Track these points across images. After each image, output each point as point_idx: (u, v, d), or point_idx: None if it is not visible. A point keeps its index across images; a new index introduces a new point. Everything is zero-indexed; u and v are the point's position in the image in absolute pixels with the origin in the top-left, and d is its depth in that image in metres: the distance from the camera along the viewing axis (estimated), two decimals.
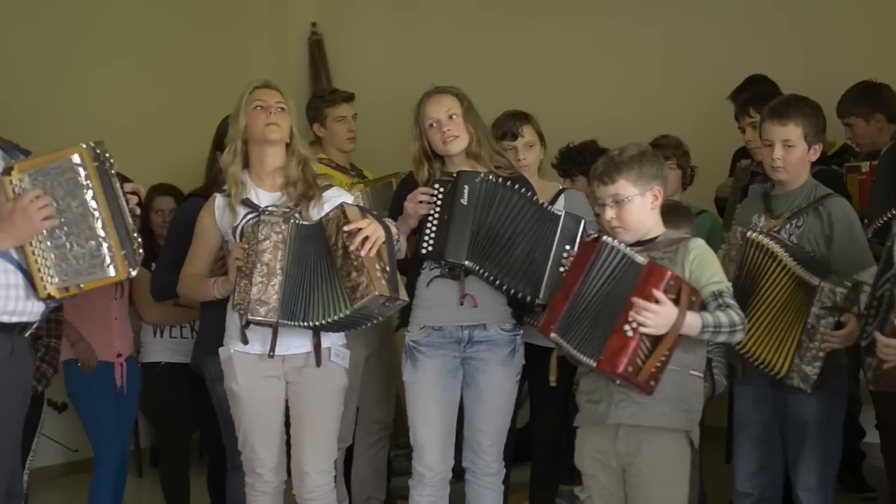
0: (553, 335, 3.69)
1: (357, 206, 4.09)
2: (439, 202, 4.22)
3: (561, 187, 4.86)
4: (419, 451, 4.32)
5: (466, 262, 4.18)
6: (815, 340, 3.95)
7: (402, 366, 4.37)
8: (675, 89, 6.73)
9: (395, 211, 4.37)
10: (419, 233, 4.27)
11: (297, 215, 4.09)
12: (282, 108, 4.18)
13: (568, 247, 4.11)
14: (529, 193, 4.24)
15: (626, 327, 3.52)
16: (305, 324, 3.99)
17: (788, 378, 4.02)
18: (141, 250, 3.57)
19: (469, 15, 7.34)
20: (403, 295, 4.02)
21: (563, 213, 4.20)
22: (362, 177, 5.38)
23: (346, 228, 3.90)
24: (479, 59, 7.18)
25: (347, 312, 3.91)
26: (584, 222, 4.21)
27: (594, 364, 3.59)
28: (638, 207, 3.73)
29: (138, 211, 3.65)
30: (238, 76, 5.28)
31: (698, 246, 3.72)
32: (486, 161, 4.32)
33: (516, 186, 4.22)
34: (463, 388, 4.35)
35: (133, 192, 3.63)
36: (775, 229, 4.16)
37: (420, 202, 4.23)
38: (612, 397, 3.70)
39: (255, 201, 4.18)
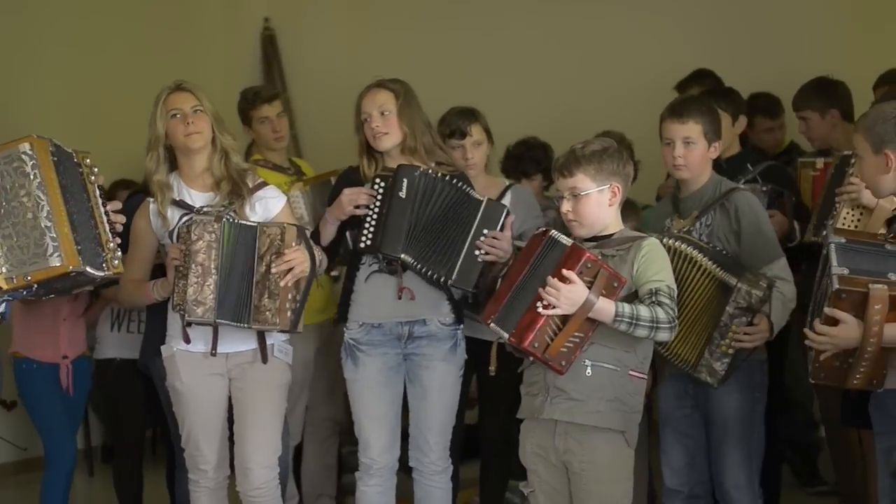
0: (492, 324, 3.68)
1: (296, 227, 4.06)
2: (379, 197, 4.23)
3: (508, 183, 4.87)
4: (364, 445, 4.33)
5: (403, 256, 4.19)
6: (726, 338, 3.99)
7: (342, 363, 4.37)
8: (624, 85, 6.72)
9: (333, 200, 4.36)
10: (358, 227, 4.27)
11: (230, 214, 4.08)
12: (199, 111, 4.15)
13: (486, 231, 4.14)
14: (466, 188, 4.25)
15: (539, 304, 3.53)
16: (238, 325, 4.01)
17: (697, 371, 4.05)
18: (117, 254, 3.56)
19: (422, 9, 7.32)
20: (300, 328, 4.07)
21: (485, 199, 4.21)
22: (301, 174, 5.33)
23: (281, 262, 3.94)
24: (432, 53, 7.15)
25: (248, 327, 4.01)
26: (507, 209, 4.23)
27: (507, 336, 3.61)
28: (595, 202, 3.71)
29: (120, 228, 3.67)
30: (190, 71, 5.22)
31: (651, 245, 3.71)
32: (423, 157, 4.31)
33: (454, 181, 4.23)
34: (406, 386, 4.35)
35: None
36: (685, 230, 4.17)
37: (356, 198, 4.23)
38: (549, 392, 3.70)
39: (189, 202, 4.16)
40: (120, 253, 3.61)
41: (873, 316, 3.32)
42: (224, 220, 4.02)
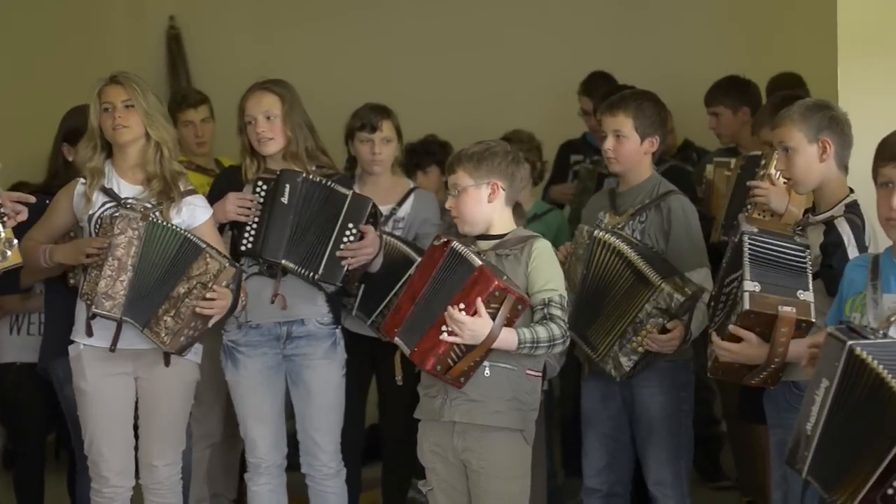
0: (396, 339, 3.71)
1: (237, 269, 4.02)
2: (261, 200, 4.23)
3: (412, 186, 4.87)
4: (251, 445, 4.35)
5: (284, 262, 4.20)
6: (638, 334, 4.01)
7: (222, 365, 4.36)
8: (529, 87, 6.77)
9: (214, 198, 4.33)
10: (240, 229, 4.26)
11: (156, 214, 4.05)
12: (129, 106, 4.09)
13: (351, 225, 4.17)
14: (331, 183, 4.25)
15: (443, 329, 3.56)
16: (139, 326, 3.98)
17: (603, 361, 4.07)
18: (12, 244, 3.52)
19: (330, 10, 7.29)
20: (185, 355, 4.04)
21: (350, 193, 4.23)
22: None
23: (204, 296, 3.91)
24: (338, 53, 7.14)
25: (141, 331, 3.99)
26: (372, 202, 4.26)
27: (408, 353, 3.64)
28: (473, 199, 3.74)
29: (13, 222, 3.59)
30: (94, 68, 5.13)
31: (542, 248, 3.75)
32: (304, 161, 4.31)
33: (329, 183, 4.23)
34: (290, 389, 4.36)
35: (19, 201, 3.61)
36: (619, 226, 4.20)
37: (242, 206, 4.24)
38: (448, 394, 3.71)
39: (116, 191, 4.12)
40: (16, 242, 3.54)
41: (780, 338, 3.37)
42: (151, 219, 3.99)
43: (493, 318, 3.55)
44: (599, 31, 6.83)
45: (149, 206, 4.07)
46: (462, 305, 3.54)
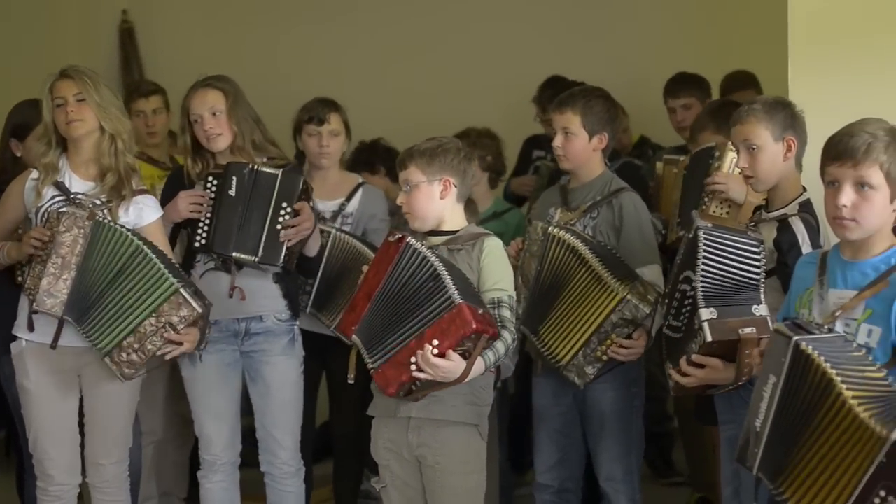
0: (354, 337, 3.69)
1: (206, 309, 3.99)
2: (212, 195, 4.23)
3: (361, 181, 4.87)
4: (206, 442, 4.32)
5: (234, 254, 4.18)
6: (603, 344, 4.01)
7: (179, 362, 4.34)
8: (484, 88, 6.75)
9: (167, 199, 4.32)
10: (193, 226, 4.26)
11: (104, 212, 4.02)
12: (81, 99, 4.05)
13: (285, 203, 4.16)
14: (266, 169, 4.24)
15: (412, 361, 3.52)
16: (81, 328, 3.95)
17: (566, 370, 4.07)
18: None
19: (286, 6, 7.27)
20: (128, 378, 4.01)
21: (279, 172, 4.22)
22: None
23: (169, 338, 3.90)
24: (292, 48, 7.12)
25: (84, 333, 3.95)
26: (303, 178, 4.26)
27: (370, 366, 3.62)
28: (425, 195, 3.73)
29: None
30: (46, 63, 5.08)
31: (493, 247, 3.75)
32: (251, 154, 4.30)
33: (263, 168, 4.23)
34: (248, 386, 4.34)
35: None
36: (571, 222, 4.20)
37: (194, 203, 4.23)
38: None
39: (68, 185, 4.08)
40: None
41: (745, 360, 3.36)
42: (97, 218, 3.96)
43: (465, 355, 3.53)
44: (557, 28, 6.82)
45: (98, 202, 4.04)
46: (436, 343, 3.49)
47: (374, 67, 7.02)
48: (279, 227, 4.18)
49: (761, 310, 3.38)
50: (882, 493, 2.63)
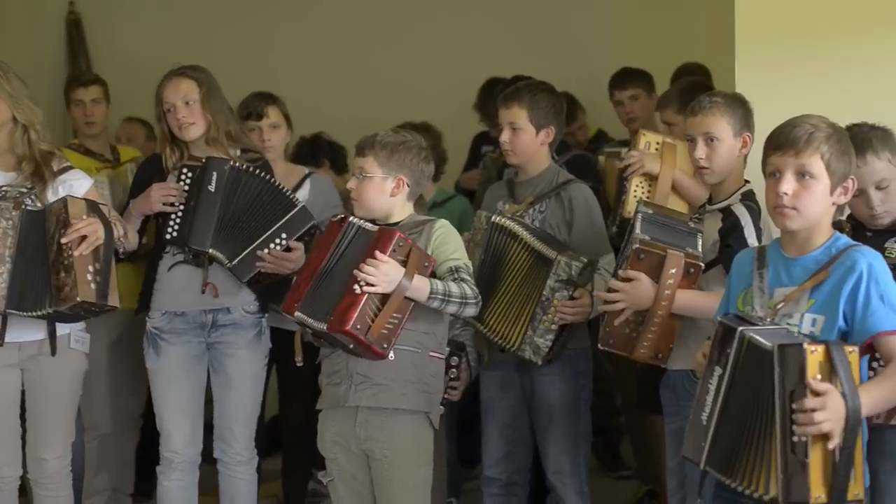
0: (297, 314, 3.65)
1: (85, 199, 3.98)
2: (186, 188, 4.19)
3: (307, 171, 4.84)
4: (166, 436, 4.28)
5: (210, 251, 4.15)
6: (548, 313, 4.02)
7: (144, 352, 4.31)
8: (433, 82, 6.77)
9: (138, 188, 4.31)
10: (164, 217, 4.22)
11: (29, 199, 3.98)
12: None
13: (284, 235, 4.15)
14: (274, 180, 4.24)
15: (355, 286, 3.51)
16: (28, 314, 3.91)
17: (521, 350, 4.07)
18: None
19: None
20: (113, 301, 3.97)
21: (300, 205, 4.22)
22: (118, 161, 5.22)
23: (71, 232, 3.83)
24: (242, 40, 7.08)
25: (50, 311, 3.88)
26: (315, 223, 4.23)
27: (325, 327, 3.57)
28: (377, 188, 3.73)
29: None
30: None
31: (443, 226, 3.76)
32: (225, 146, 4.29)
33: (262, 174, 4.22)
34: (210, 375, 4.31)
35: None
36: (518, 214, 4.22)
37: (166, 196, 4.19)
38: (352, 379, 3.69)
39: None
40: None
41: (667, 280, 3.46)
42: (23, 207, 3.91)
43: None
44: (512, 23, 6.84)
45: (24, 190, 4.01)
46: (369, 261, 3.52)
47: (317, 61, 7.02)
48: (266, 250, 4.14)
49: (695, 251, 3.50)
50: (794, 406, 2.70)
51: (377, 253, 3.51)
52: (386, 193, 3.74)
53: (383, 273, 3.50)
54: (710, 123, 3.68)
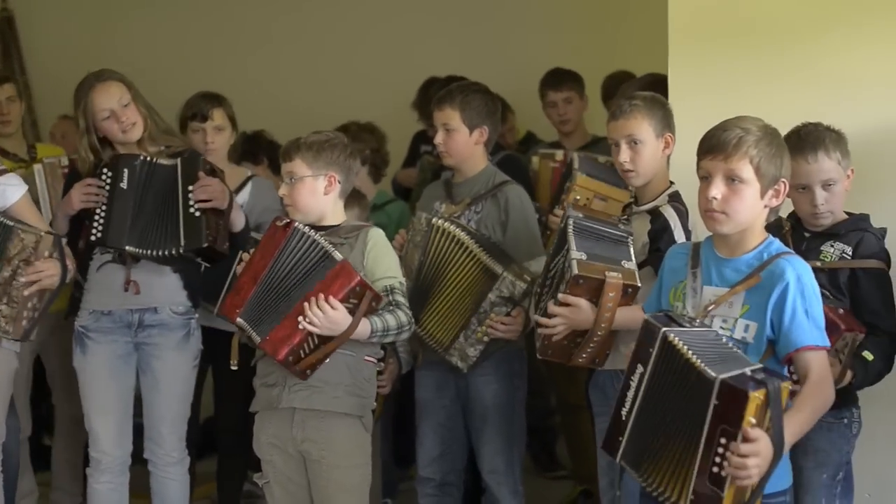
0: (239, 320, 3.65)
1: (54, 236, 3.97)
2: (107, 188, 4.17)
3: (249, 174, 4.84)
4: (94, 438, 4.25)
5: (128, 248, 4.14)
6: (482, 324, 4.06)
7: (73, 352, 4.28)
8: (375, 81, 6.78)
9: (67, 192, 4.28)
10: (90, 218, 4.20)
11: None
12: None
13: (191, 187, 4.13)
14: (164, 161, 4.21)
15: (301, 319, 3.52)
16: None
17: (449, 354, 4.11)
18: None
19: None
20: (32, 337, 3.99)
21: (179, 160, 4.19)
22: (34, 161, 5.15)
23: (30, 272, 3.85)
24: (176, 40, 7.06)
25: None
26: (203, 157, 4.26)
27: (259, 341, 3.60)
28: (308, 189, 3.72)
29: None
30: None
31: (377, 237, 3.76)
32: (147, 142, 4.27)
33: (160, 161, 4.19)
34: (140, 377, 4.28)
35: None
36: (456, 215, 4.23)
37: (87, 194, 4.17)
38: (286, 381, 3.68)
39: None
40: None
41: (607, 303, 3.46)
42: None
43: (352, 313, 3.54)
44: (447, 25, 6.86)
45: None
46: (322, 297, 3.51)
47: (256, 60, 7.01)
48: (192, 209, 4.13)
49: (630, 264, 3.51)
50: (722, 440, 2.71)
51: (331, 299, 3.51)
52: (319, 193, 3.73)
53: (329, 321, 3.52)
54: (632, 126, 3.72)
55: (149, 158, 4.18)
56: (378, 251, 3.72)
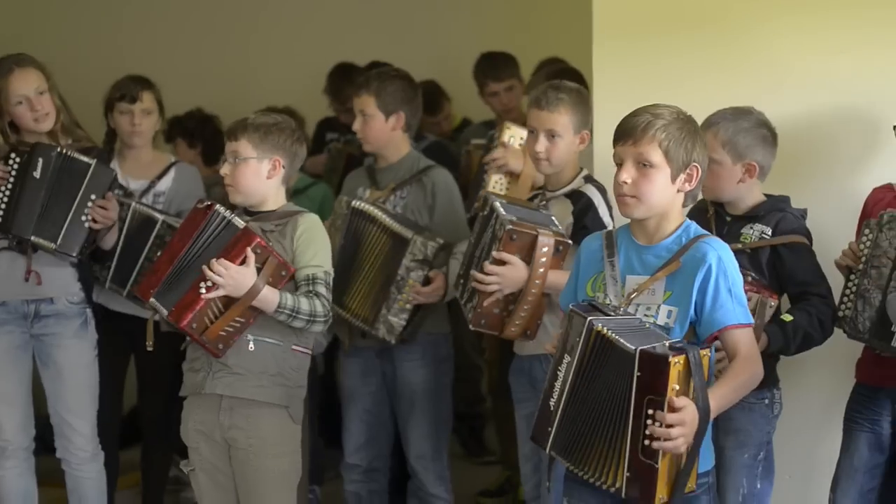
0: (151, 300, 3.61)
1: None
2: (14, 173, 4.11)
3: (173, 160, 4.79)
4: None
5: (33, 238, 4.09)
6: (403, 292, 4.07)
7: None
8: (287, 65, 6.76)
9: None
10: None
11: None
12: None
13: (94, 196, 4.10)
14: (76, 154, 4.15)
15: (202, 285, 3.49)
16: None
17: (375, 328, 4.10)
18: None
19: None
20: None
21: (93, 163, 4.15)
22: None
23: None
24: (101, 25, 6.97)
25: None
26: (116, 173, 4.24)
27: (166, 314, 3.56)
28: (252, 171, 3.67)
29: None
30: None
31: (309, 222, 3.71)
32: (60, 135, 4.22)
33: (76, 155, 4.14)
34: (40, 371, 4.23)
35: None
36: (381, 200, 4.24)
37: None
38: (211, 367, 3.64)
39: None
40: None
41: (540, 258, 3.53)
42: None
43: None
44: (369, 12, 6.83)
45: None
46: (224, 259, 3.48)
47: (174, 44, 6.92)
48: (84, 218, 4.10)
49: (558, 228, 3.60)
50: (650, 412, 2.75)
51: (239, 254, 3.49)
52: (262, 176, 3.69)
53: (231, 277, 3.48)
54: (554, 120, 3.77)
55: (65, 151, 4.13)
56: (306, 238, 3.67)
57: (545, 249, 3.52)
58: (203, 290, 3.49)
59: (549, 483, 3.12)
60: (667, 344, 2.81)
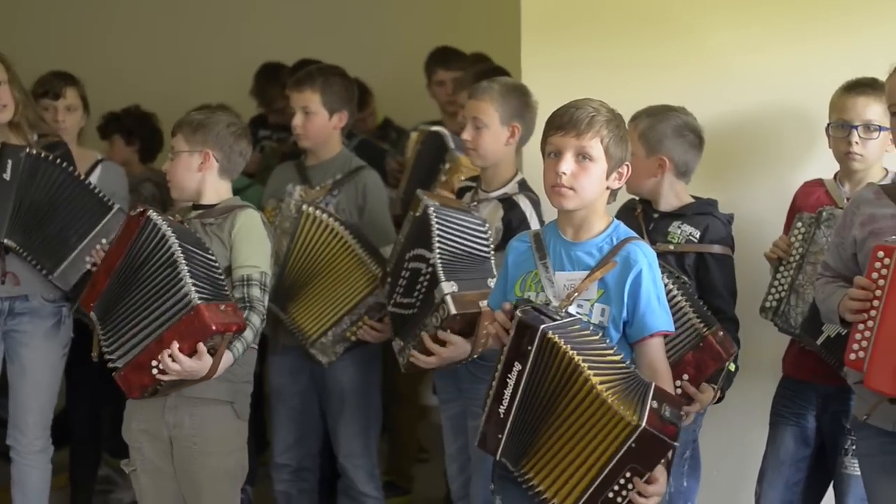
0: (92, 315, 3.56)
1: None
2: None
3: (99, 157, 4.72)
4: None
5: (6, 241, 4.03)
6: (354, 325, 4.06)
7: None
8: (222, 62, 6.73)
9: None
10: None
11: None
12: None
13: (105, 241, 4.06)
14: (74, 170, 4.14)
15: (154, 363, 3.40)
16: None
17: (312, 347, 4.09)
18: None
19: None
20: None
21: (116, 208, 4.14)
22: None
23: None
24: (34, 20, 6.90)
25: None
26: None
27: (119, 366, 3.47)
28: (184, 165, 3.66)
29: None
30: None
31: (246, 218, 3.65)
32: (26, 129, 4.17)
33: (62, 163, 4.10)
34: (7, 364, 4.19)
35: None
36: (318, 200, 4.20)
37: None
38: None
39: None
40: None
41: (482, 331, 3.49)
42: None
43: (212, 353, 3.41)
44: (297, 11, 6.81)
45: None
46: (177, 346, 3.36)
47: (111, 40, 6.87)
48: (88, 258, 4.06)
49: (493, 281, 3.49)
50: (627, 475, 2.78)
51: (193, 346, 3.36)
52: (193, 169, 3.66)
53: (186, 373, 3.40)
54: (479, 109, 3.78)
55: (34, 152, 4.06)
56: (242, 235, 3.62)
57: (487, 323, 3.43)
58: (155, 372, 3.40)
59: (492, 486, 3.12)
60: (667, 414, 2.81)
